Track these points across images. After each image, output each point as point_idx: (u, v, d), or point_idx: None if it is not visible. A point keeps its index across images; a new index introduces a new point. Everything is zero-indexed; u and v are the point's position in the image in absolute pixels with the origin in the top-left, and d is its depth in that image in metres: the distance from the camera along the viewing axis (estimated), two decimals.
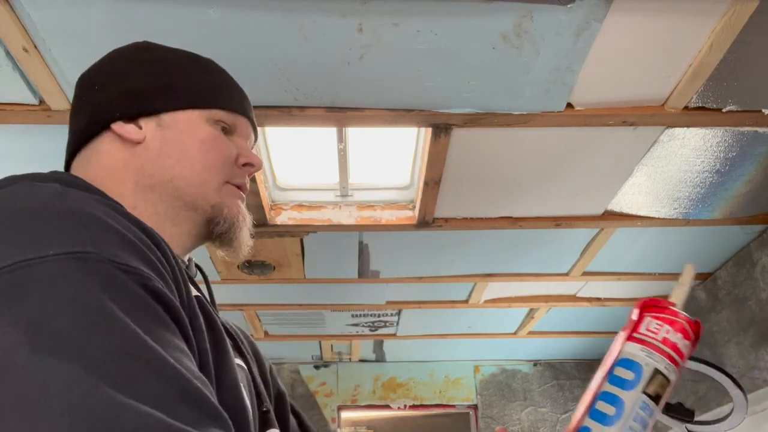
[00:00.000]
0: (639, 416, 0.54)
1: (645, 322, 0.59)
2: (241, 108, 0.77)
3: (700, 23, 1.35)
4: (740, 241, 2.37)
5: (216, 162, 0.71)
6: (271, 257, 2.38)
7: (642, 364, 0.56)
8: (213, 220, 0.70)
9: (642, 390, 0.55)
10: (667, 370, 0.56)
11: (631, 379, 0.55)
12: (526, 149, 1.78)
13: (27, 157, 1.69)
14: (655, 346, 0.57)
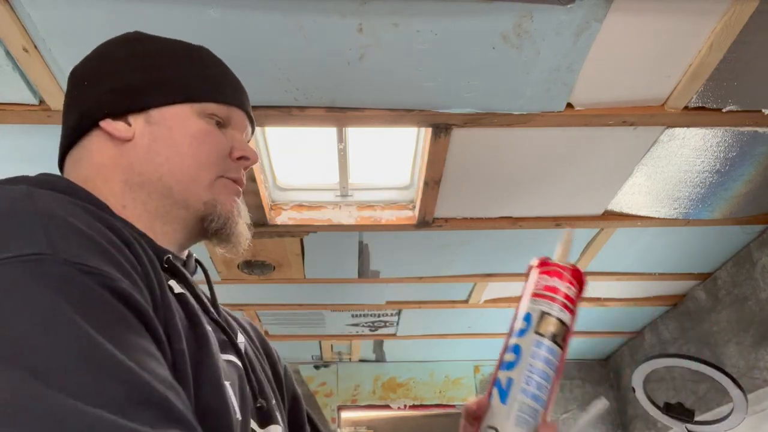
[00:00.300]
0: (536, 354, 0.60)
1: (531, 279, 0.65)
2: (235, 100, 0.74)
3: (700, 23, 1.35)
4: (740, 241, 2.37)
5: (208, 157, 0.69)
6: (271, 257, 2.38)
7: (531, 312, 0.62)
8: (207, 217, 0.68)
9: (534, 331, 0.61)
10: (554, 310, 0.62)
11: (524, 327, 0.62)
12: (526, 149, 1.78)
13: (27, 157, 1.69)
14: (539, 294, 0.63)
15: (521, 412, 0.57)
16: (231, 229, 0.71)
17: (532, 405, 0.58)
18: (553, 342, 0.60)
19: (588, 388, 3.64)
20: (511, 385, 0.58)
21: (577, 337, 3.38)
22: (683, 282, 2.71)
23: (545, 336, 0.61)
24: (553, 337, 0.61)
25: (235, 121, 0.74)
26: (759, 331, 2.35)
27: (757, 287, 2.35)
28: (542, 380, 0.59)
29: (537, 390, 0.59)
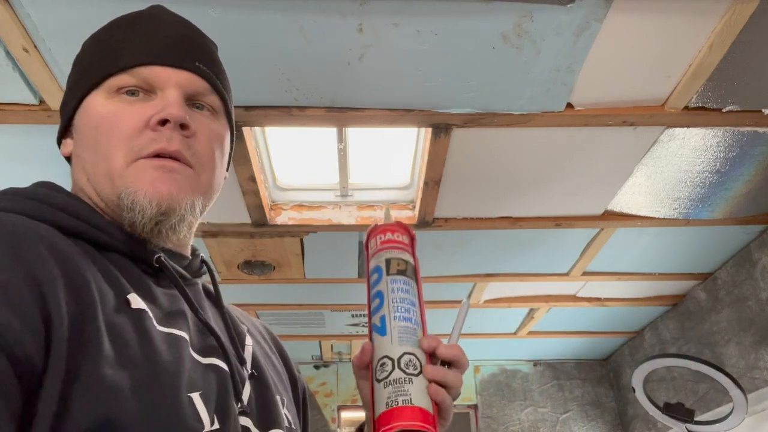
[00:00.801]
0: (394, 288, 0.65)
1: (369, 246, 0.71)
2: (144, 57, 0.63)
3: (700, 23, 1.35)
4: (740, 241, 2.37)
5: (109, 142, 0.60)
6: (271, 257, 2.38)
7: (378, 264, 0.68)
8: (131, 212, 0.59)
9: (386, 275, 0.66)
10: (395, 254, 0.68)
11: (377, 277, 0.67)
12: (526, 149, 1.78)
13: (27, 157, 1.69)
14: (378, 250, 0.70)
15: (401, 334, 0.62)
16: (176, 217, 0.60)
17: (407, 325, 0.63)
18: (404, 275, 0.67)
19: (588, 388, 3.64)
20: (384, 319, 0.63)
21: (577, 337, 3.38)
22: (683, 282, 2.71)
23: (397, 273, 0.67)
24: (403, 272, 0.67)
25: (158, 79, 0.62)
26: (759, 331, 2.35)
27: (757, 287, 2.35)
28: (408, 305, 0.65)
29: (406, 313, 0.64)
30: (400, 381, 0.59)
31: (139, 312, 0.54)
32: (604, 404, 3.60)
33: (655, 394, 2.96)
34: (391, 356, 0.61)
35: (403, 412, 0.57)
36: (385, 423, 0.57)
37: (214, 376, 0.57)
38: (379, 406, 0.58)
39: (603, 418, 3.55)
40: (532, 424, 3.54)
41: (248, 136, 1.70)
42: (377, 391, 0.60)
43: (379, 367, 0.60)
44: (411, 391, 0.58)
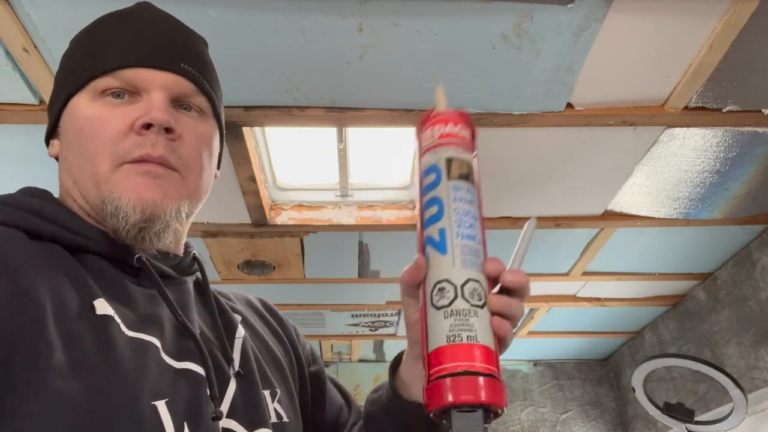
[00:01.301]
0: (457, 197, 0.57)
1: (423, 137, 0.63)
2: (132, 59, 0.61)
3: (700, 23, 1.35)
4: (740, 241, 2.37)
5: (96, 145, 0.59)
6: (271, 257, 2.38)
7: (435, 163, 0.59)
8: (115, 218, 0.58)
9: (447, 178, 0.58)
10: (457, 152, 0.60)
11: (434, 179, 0.59)
12: (526, 149, 1.78)
13: (27, 157, 1.69)
14: (435, 145, 0.61)
15: (464, 254, 0.54)
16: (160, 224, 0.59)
17: (471, 245, 0.55)
18: (467, 182, 0.59)
19: (588, 388, 3.64)
20: (444, 234, 0.55)
21: (577, 337, 3.38)
22: (683, 282, 2.71)
23: (459, 178, 0.58)
24: (466, 177, 0.59)
25: (142, 81, 0.61)
26: (759, 331, 2.35)
27: (757, 287, 2.35)
28: (472, 219, 0.57)
29: (470, 230, 0.56)
30: (464, 313, 0.52)
31: (103, 318, 0.53)
32: (604, 404, 3.60)
33: (655, 394, 2.96)
34: (453, 281, 0.53)
35: (468, 350, 0.50)
36: (446, 360, 0.50)
37: (186, 382, 0.55)
38: (437, 339, 0.51)
39: (603, 418, 3.55)
40: (532, 424, 3.53)
41: (248, 136, 1.70)
42: (433, 320, 0.52)
43: (437, 291, 0.53)
44: (476, 326, 0.51)
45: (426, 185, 0.59)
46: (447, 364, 0.50)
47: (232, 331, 0.67)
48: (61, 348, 0.49)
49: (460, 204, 0.57)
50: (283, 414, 0.65)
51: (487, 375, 0.49)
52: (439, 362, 0.50)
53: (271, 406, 0.64)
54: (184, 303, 0.63)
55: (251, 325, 0.73)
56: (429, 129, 0.62)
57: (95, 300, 0.54)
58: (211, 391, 0.57)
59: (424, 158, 0.61)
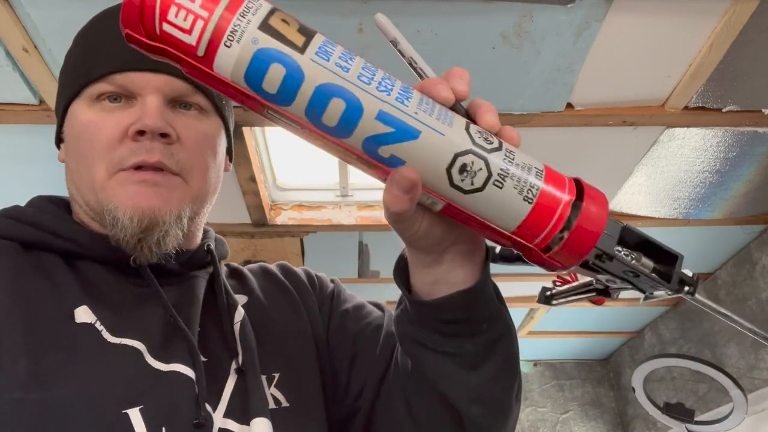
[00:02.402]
0: (340, 60, 0.40)
1: (170, 34, 0.39)
2: (123, 62, 0.59)
3: (700, 23, 1.35)
4: (740, 241, 2.37)
5: (92, 153, 0.58)
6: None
7: (254, 48, 0.38)
8: (112, 228, 0.57)
9: (300, 51, 0.38)
10: (255, 10, 0.39)
11: (286, 69, 0.38)
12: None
13: (27, 157, 1.69)
14: (219, 24, 0.38)
15: (431, 110, 0.41)
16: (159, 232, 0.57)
17: (417, 97, 0.42)
18: (314, 35, 0.40)
19: (588, 388, 3.64)
20: (389, 115, 0.39)
21: (577, 337, 3.38)
22: None
23: (306, 39, 0.39)
24: (306, 30, 0.40)
25: (135, 85, 0.59)
26: None
27: (757, 287, 2.35)
28: (377, 71, 0.42)
29: (393, 82, 0.42)
30: (508, 161, 0.41)
31: (82, 327, 0.53)
32: (604, 404, 3.60)
33: (655, 394, 2.96)
34: (462, 149, 0.40)
35: (551, 191, 0.41)
36: (546, 217, 0.41)
37: (169, 385, 0.54)
38: (511, 211, 0.41)
39: (603, 418, 3.55)
40: (532, 424, 3.53)
41: (248, 136, 1.70)
42: (482, 201, 0.41)
43: (458, 173, 0.40)
44: (524, 160, 0.42)
45: (280, 88, 0.39)
46: (551, 220, 0.41)
47: (232, 317, 0.65)
48: (26, 359, 0.49)
49: (353, 65, 0.40)
50: (282, 398, 0.63)
51: (579, 194, 0.42)
52: (542, 226, 0.41)
53: (267, 392, 0.62)
54: (187, 301, 0.62)
55: (259, 303, 0.70)
56: (173, 13, 0.38)
57: (77, 308, 0.54)
58: (200, 393, 0.55)
59: (223, 57, 0.38)
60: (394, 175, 0.41)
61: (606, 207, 0.42)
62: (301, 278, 0.75)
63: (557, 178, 0.43)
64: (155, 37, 0.39)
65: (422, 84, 0.44)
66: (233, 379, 0.60)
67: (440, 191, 0.41)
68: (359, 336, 0.69)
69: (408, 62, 0.47)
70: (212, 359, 0.59)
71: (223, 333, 0.63)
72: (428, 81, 0.45)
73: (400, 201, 0.42)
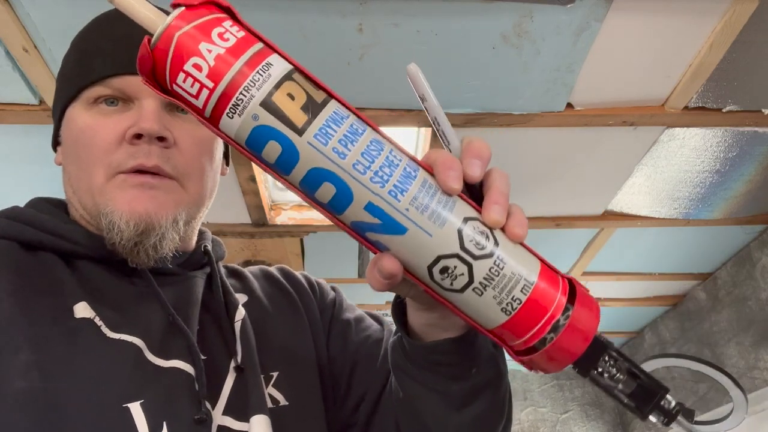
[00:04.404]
0: (339, 144, 0.38)
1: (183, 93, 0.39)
2: (120, 66, 0.59)
3: (700, 23, 1.35)
4: (740, 241, 2.37)
5: (90, 157, 0.59)
6: (271, 257, 2.38)
7: (253, 124, 0.38)
8: (108, 231, 0.57)
9: (298, 133, 0.38)
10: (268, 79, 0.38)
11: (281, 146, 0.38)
12: (526, 149, 1.78)
13: (27, 157, 1.69)
14: (222, 98, 0.38)
15: (426, 208, 0.39)
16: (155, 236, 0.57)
17: (416, 189, 0.39)
18: (323, 106, 0.39)
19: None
20: (378, 208, 0.39)
21: None
22: (683, 282, 2.71)
23: (312, 114, 0.38)
24: (311, 106, 0.38)
25: (132, 89, 0.59)
26: (759, 331, 2.35)
27: (757, 287, 2.35)
28: (381, 151, 0.39)
29: (398, 170, 0.39)
30: (494, 271, 0.39)
31: (81, 322, 0.53)
32: (604, 404, 3.60)
33: None
34: (447, 252, 0.39)
35: (536, 304, 0.40)
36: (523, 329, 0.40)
37: (170, 381, 0.54)
38: (488, 317, 0.40)
39: (603, 418, 3.55)
40: (532, 424, 3.53)
41: None
42: (461, 302, 0.40)
43: (440, 275, 0.39)
44: (516, 269, 0.40)
45: (277, 162, 0.39)
46: (529, 332, 0.40)
47: (232, 316, 0.66)
48: (28, 351, 0.49)
49: (352, 151, 0.38)
50: (281, 397, 0.63)
51: (571, 297, 0.41)
52: (519, 334, 0.40)
53: (265, 391, 0.62)
54: (185, 300, 0.62)
55: (259, 303, 0.71)
56: (181, 79, 0.38)
57: (76, 304, 0.54)
58: (200, 389, 0.55)
59: (226, 125, 0.39)
60: (377, 259, 0.42)
61: (591, 330, 0.41)
62: (302, 282, 0.76)
63: (546, 292, 0.41)
64: (167, 90, 0.40)
65: (434, 161, 0.42)
66: (232, 377, 0.60)
67: (422, 280, 0.41)
68: (360, 347, 0.69)
69: (432, 121, 0.44)
70: (211, 357, 0.60)
71: (222, 332, 0.63)
72: (440, 162, 0.42)
73: (380, 284, 0.43)
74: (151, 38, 0.39)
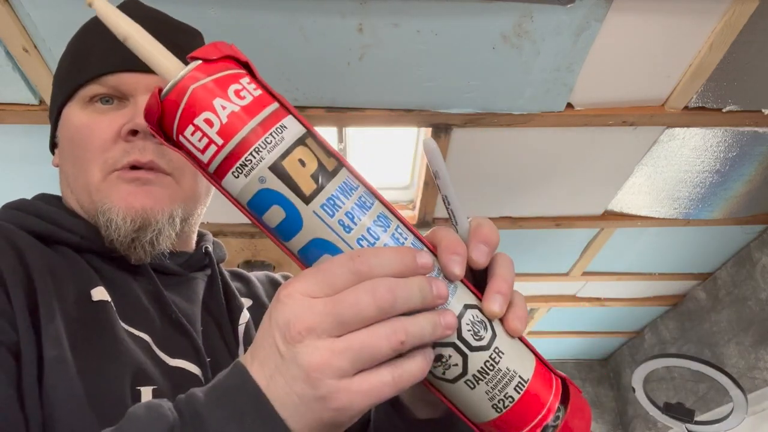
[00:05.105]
0: (338, 221, 0.37)
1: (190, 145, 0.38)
2: (114, 63, 0.60)
3: (700, 23, 1.35)
4: (740, 241, 2.37)
5: (86, 155, 0.59)
6: (271, 257, 2.38)
7: (259, 187, 0.37)
8: (106, 229, 0.57)
9: (301, 201, 0.37)
10: (280, 141, 0.37)
11: (284, 215, 0.37)
12: (526, 149, 1.78)
13: (27, 157, 1.69)
14: (230, 157, 0.37)
15: None
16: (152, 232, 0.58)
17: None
18: (332, 176, 0.37)
19: (588, 388, 3.64)
20: None
21: (577, 337, 3.38)
22: (683, 282, 2.71)
23: (317, 188, 0.37)
24: (321, 175, 0.37)
25: (127, 86, 0.60)
26: (759, 331, 2.35)
27: (757, 287, 2.35)
28: (386, 231, 0.38)
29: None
30: (489, 366, 0.38)
31: (101, 304, 0.54)
32: (604, 404, 3.60)
33: (655, 394, 2.96)
34: (441, 341, 0.38)
35: (529, 403, 0.39)
36: (513, 428, 0.39)
37: (178, 379, 0.54)
38: (479, 412, 0.39)
39: (603, 418, 3.55)
40: None
41: None
42: (452, 393, 0.40)
43: (433, 362, 0.38)
44: (512, 364, 0.39)
45: (278, 227, 0.38)
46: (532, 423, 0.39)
47: (236, 319, 0.66)
48: (61, 322, 0.50)
49: (358, 225, 0.37)
50: None
51: (559, 409, 0.40)
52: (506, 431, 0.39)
53: None
54: (186, 300, 0.62)
55: (264, 307, 0.71)
56: (190, 132, 0.37)
57: (93, 288, 0.55)
58: None
59: (230, 183, 0.37)
60: None
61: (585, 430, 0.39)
62: None
63: (540, 392, 0.39)
64: (172, 140, 0.39)
65: (439, 242, 0.41)
66: None
67: None
68: None
69: (443, 198, 0.43)
70: (214, 358, 0.60)
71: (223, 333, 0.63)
72: (445, 245, 0.40)
73: None
74: (162, 89, 0.38)
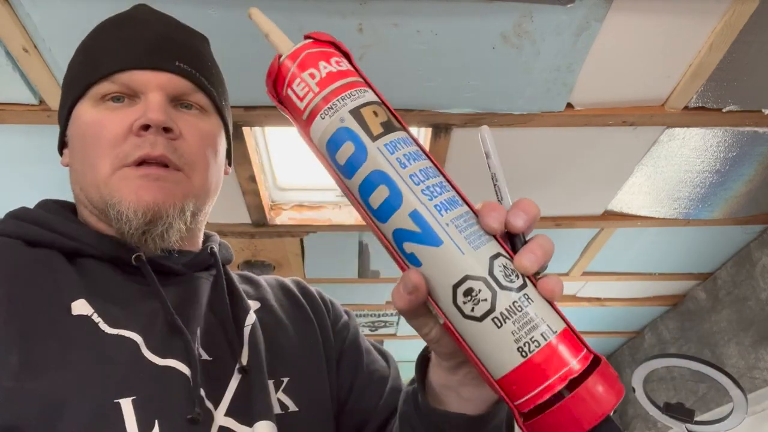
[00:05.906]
0: (403, 157, 0.43)
1: (292, 100, 0.47)
2: (127, 61, 0.62)
3: (700, 23, 1.35)
4: (740, 241, 2.37)
5: (97, 150, 0.60)
6: (271, 257, 2.38)
7: (339, 126, 0.44)
8: (117, 222, 0.59)
9: (372, 139, 0.43)
10: (359, 96, 0.46)
11: (354, 148, 0.43)
12: (526, 149, 1.78)
13: (27, 157, 1.69)
14: (323, 100, 0.45)
15: (465, 230, 0.41)
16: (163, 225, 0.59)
17: (461, 212, 0.42)
18: (397, 130, 0.45)
19: None
20: (422, 217, 0.41)
21: None
22: (683, 282, 2.71)
23: (387, 131, 0.44)
24: (388, 126, 0.45)
25: (138, 83, 0.62)
26: (759, 331, 2.35)
27: (757, 287, 2.35)
28: (436, 176, 0.43)
29: (447, 192, 0.43)
30: (517, 307, 0.39)
31: (78, 319, 0.54)
32: None
33: (655, 394, 2.96)
34: (476, 274, 0.40)
35: (554, 353, 0.37)
36: (535, 381, 0.37)
37: (165, 380, 0.54)
38: (502, 357, 0.38)
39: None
40: None
41: (248, 136, 1.70)
42: (478, 334, 0.39)
43: (463, 297, 0.39)
44: (540, 313, 0.39)
45: (346, 163, 0.44)
46: (541, 385, 0.37)
47: (242, 320, 0.66)
48: (19, 349, 0.50)
49: (412, 165, 0.43)
50: (290, 403, 0.63)
51: (590, 368, 0.38)
52: (528, 387, 0.38)
53: (274, 396, 0.62)
54: (188, 300, 0.62)
55: (271, 310, 0.71)
56: (296, 83, 0.47)
57: (74, 302, 0.55)
58: (194, 389, 0.54)
59: (316, 125, 0.45)
60: (405, 274, 0.43)
61: (610, 403, 0.37)
62: (315, 297, 0.78)
63: (569, 347, 0.38)
64: (281, 98, 0.49)
65: (482, 204, 0.45)
66: (236, 378, 0.60)
67: (443, 306, 0.42)
68: (368, 381, 0.71)
69: (492, 176, 0.50)
70: (216, 358, 0.60)
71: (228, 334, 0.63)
72: (486, 205, 0.45)
73: (402, 299, 0.44)
74: (281, 56, 0.51)
